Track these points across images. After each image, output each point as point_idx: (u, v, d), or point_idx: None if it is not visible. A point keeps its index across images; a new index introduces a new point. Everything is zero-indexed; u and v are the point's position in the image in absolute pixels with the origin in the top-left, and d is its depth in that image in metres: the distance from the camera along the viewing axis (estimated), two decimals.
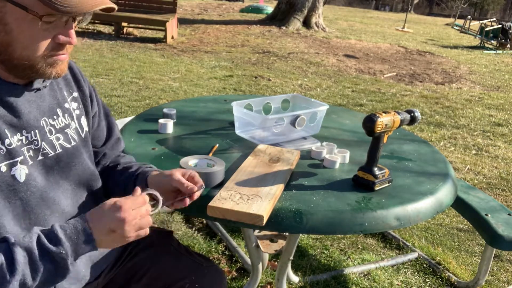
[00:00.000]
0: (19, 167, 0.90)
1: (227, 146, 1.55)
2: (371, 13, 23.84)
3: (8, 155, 0.89)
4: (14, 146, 0.90)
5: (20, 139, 0.92)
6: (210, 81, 5.92)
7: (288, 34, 10.61)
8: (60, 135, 1.01)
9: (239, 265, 2.16)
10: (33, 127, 0.95)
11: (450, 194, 1.40)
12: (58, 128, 1.01)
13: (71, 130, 1.05)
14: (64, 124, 1.03)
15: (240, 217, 1.09)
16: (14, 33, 0.85)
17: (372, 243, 2.48)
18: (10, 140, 0.90)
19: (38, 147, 0.96)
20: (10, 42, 0.86)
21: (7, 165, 0.88)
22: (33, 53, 0.87)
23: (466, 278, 2.24)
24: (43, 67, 0.89)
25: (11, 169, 0.89)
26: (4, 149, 0.88)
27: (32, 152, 0.94)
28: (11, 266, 0.79)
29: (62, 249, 0.82)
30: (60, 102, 1.04)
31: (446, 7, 37.13)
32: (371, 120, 1.24)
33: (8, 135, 0.89)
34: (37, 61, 0.88)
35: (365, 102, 5.62)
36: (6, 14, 0.84)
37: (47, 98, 1.00)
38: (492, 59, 10.60)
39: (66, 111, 1.05)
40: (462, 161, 3.92)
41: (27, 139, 0.93)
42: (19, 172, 0.90)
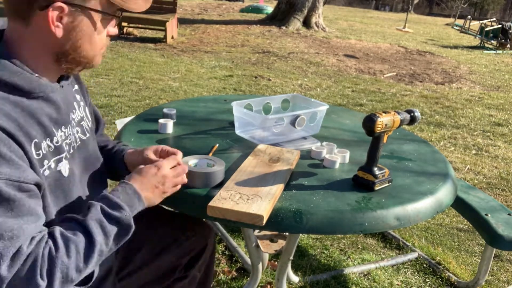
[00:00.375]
0: (64, 162, 0.96)
1: (227, 146, 1.55)
2: (371, 13, 23.84)
3: (56, 151, 0.94)
4: (60, 143, 0.95)
5: (61, 135, 0.97)
6: (210, 81, 5.92)
7: (288, 34, 10.61)
8: (78, 128, 1.07)
9: (239, 265, 2.16)
10: (67, 122, 1.01)
11: (450, 194, 1.40)
12: (77, 121, 1.06)
13: (85, 122, 1.11)
14: (80, 117, 1.09)
15: (240, 217, 1.09)
16: (85, 38, 0.92)
17: (372, 243, 2.48)
18: (57, 137, 0.95)
19: (71, 141, 1.02)
20: (79, 46, 0.92)
21: (55, 161, 0.93)
22: (96, 50, 0.96)
23: (466, 278, 2.24)
24: (98, 59, 0.98)
25: (58, 164, 0.94)
26: (53, 146, 0.93)
27: (68, 146, 1.00)
28: (90, 238, 0.88)
29: (125, 212, 0.93)
30: (74, 96, 1.09)
31: (446, 7, 37.13)
32: (371, 120, 1.24)
33: (55, 132, 0.94)
34: (97, 54, 0.97)
35: (365, 102, 5.62)
36: (81, 22, 0.90)
37: (68, 94, 1.05)
38: (492, 59, 10.60)
39: (79, 104, 1.10)
40: (462, 161, 3.92)
41: (65, 135, 0.99)
42: (64, 167, 0.96)
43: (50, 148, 0.92)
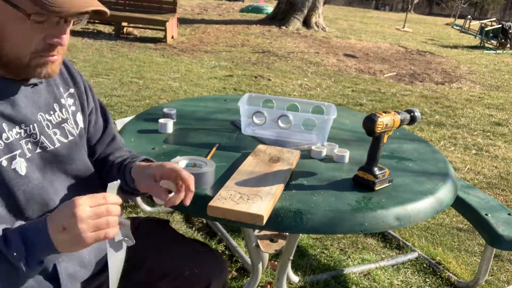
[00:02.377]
0: (18, 160, 0.91)
1: (227, 145, 1.55)
2: (371, 13, 23.84)
3: (6, 149, 0.90)
4: (11, 140, 0.91)
5: (18, 132, 0.93)
6: (210, 81, 5.92)
7: (288, 34, 10.61)
8: (57, 130, 1.02)
9: (239, 265, 2.16)
10: (31, 121, 0.96)
11: (450, 194, 1.40)
12: (55, 123, 1.02)
13: (68, 125, 1.06)
14: (61, 119, 1.04)
15: (240, 217, 1.09)
16: (4, 31, 0.85)
17: (372, 243, 2.48)
18: (7, 134, 0.90)
19: (37, 140, 0.97)
20: (0, 40, 0.86)
21: (7, 159, 0.89)
22: (21, 51, 0.87)
23: (466, 278, 2.24)
24: (32, 67, 0.89)
25: (11, 162, 0.90)
26: (2, 143, 0.89)
27: (31, 145, 0.95)
28: None
29: (15, 252, 0.78)
30: (57, 97, 1.05)
31: (446, 7, 37.12)
32: (371, 120, 1.24)
33: (5, 129, 0.90)
34: (26, 60, 0.88)
35: (365, 102, 5.62)
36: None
37: (43, 94, 1.01)
38: (492, 59, 10.60)
39: (62, 106, 1.06)
40: (462, 161, 3.92)
41: (25, 132, 0.94)
42: (20, 165, 0.91)
43: (0, 146, 0.88)
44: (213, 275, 1.21)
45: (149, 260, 1.19)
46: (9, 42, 0.86)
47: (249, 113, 1.63)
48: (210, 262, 1.23)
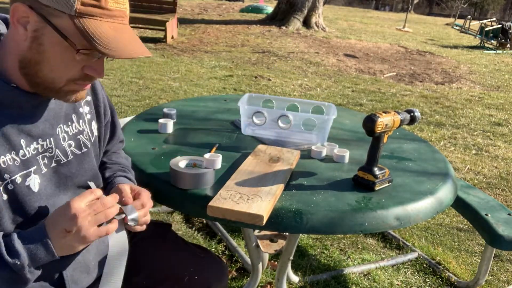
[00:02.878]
0: (32, 177, 0.91)
1: (227, 146, 1.55)
2: (371, 13, 23.84)
3: (22, 166, 0.89)
4: (28, 157, 0.90)
5: (36, 148, 0.92)
6: (210, 81, 5.92)
7: (288, 34, 10.61)
8: (72, 141, 1.02)
9: (239, 265, 2.16)
10: (49, 134, 0.95)
11: (450, 194, 1.40)
12: (71, 134, 1.02)
13: (83, 136, 1.05)
14: (77, 130, 1.04)
15: (240, 217, 1.09)
16: (46, 54, 0.84)
17: (372, 243, 2.48)
18: (24, 151, 0.90)
19: (52, 154, 0.96)
20: (40, 61, 0.85)
21: (22, 176, 0.89)
22: (59, 77, 0.87)
23: (466, 278, 2.24)
24: (64, 92, 0.89)
25: (25, 179, 0.89)
26: (19, 160, 0.88)
27: (47, 160, 0.95)
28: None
29: (18, 260, 0.81)
30: (76, 107, 1.04)
31: (446, 7, 37.12)
32: (371, 120, 1.24)
33: (23, 146, 0.89)
34: (61, 85, 0.88)
35: (365, 102, 5.62)
36: (43, 35, 0.83)
37: (65, 105, 1.00)
38: (492, 59, 10.60)
39: (80, 116, 1.05)
40: (462, 161, 3.92)
41: (42, 147, 0.94)
42: (33, 182, 0.91)
43: (16, 162, 0.87)
44: (213, 280, 1.21)
45: (149, 264, 1.19)
46: (48, 65, 0.85)
47: (249, 113, 1.63)
48: (210, 268, 1.23)
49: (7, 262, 0.81)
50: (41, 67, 0.85)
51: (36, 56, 0.84)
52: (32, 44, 0.83)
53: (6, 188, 0.86)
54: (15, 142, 0.87)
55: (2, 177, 0.85)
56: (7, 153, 0.86)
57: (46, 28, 0.82)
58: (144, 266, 1.18)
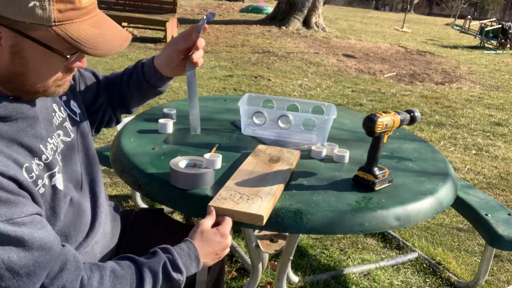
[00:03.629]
0: (57, 176, 0.93)
1: (227, 146, 1.55)
2: (371, 13, 23.84)
3: (46, 168, 0.90)
4: (50, 159, 0.92)
5: (50, 148, 0.93)
6: (210, 81, 5.92)
7: (288, 34, 10.61)
8: (60, 130, 1.02)
9: (239, 265, 2.16)
10: (51, 131, 0.97)
11: (450, 194, 1.40)
12: (57, 124, 1.02)
13: (68, 123, 1.06)
14: (61, 118, 1.04)
15: (240, 217, 1.09)
16: (31, 65, 0.83)
17: (372, 243, 2.48)
18: (46, 154, 0.91)
19: (57, 147, 0.98)
20: (24, 72, 0.84)
21: (48, 177, 0.90)
22: (47, 81, 0.87)
23: (466, 278, 2.24)
24: (52, 89, 0.90)
25: (51, 180, 0.91)
26: (43, 164, 0.89)
27: (58, 156, 0.96)
28: (140, 285, 0.89)
29: (181, 277, 0.94)
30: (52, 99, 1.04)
31: (446, 7, 37.13)
32: (371, 120, 1.23)
33: (43, 150, 0.90)
34: (50, 86, 0.88)
35: (365, 102, 5.62)
36: (24, 49, 0.81)
37: (45, 100, 1.00)
38: (492, 59, 10.60)
39: (58, 103, 1.05)
40: (462, 161, 3.92)
41: (54, 145, 0.95)
42: (59, 181, 0.93)
43: (40, 167, 0.89)
44: None
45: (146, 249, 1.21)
46: (35, 74, 0.84)
47: (249, 113, 1.63)
48: None
49: (172, 278, 0.93)
50: (27, 77, 0.84)
51: (21, 69, 0.83)
52: (13, 59, 0.82)
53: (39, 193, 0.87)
54: (35, 149, 0.88)
55: (37, 184, 0.86)
56: (32, 161, 0.87)
57: (24, 42, 0.80)
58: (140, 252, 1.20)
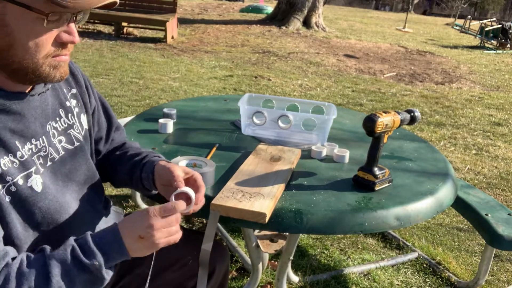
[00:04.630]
0: (34, 177, 0.90)
1: (227, 146, 1.55)
2: (371, 13, 23.84)
3: (22, 167, 0.88)
4: (26, 157, 0.89)
5: (30, 148, 0.90)
6: (210, 81, 5.92)
7: (288, 34, 10.61)
8: (63, 137, 1.00)
9: (239, 265, 2.16)
10: (41, 133, 0.94)
11: (450, 194, 1.40)
12: (61, 130, 1.00)
13: (74, 130, 1.04)
14: (67, 125, 1.02)
15: (242, 215, 1.09)
16: (15, 34, 0.80)
17: (372, 243, 2.48)
18: (21, 152, 0.88)
19: (46, 153, 0.95)
20: (11, 44, 0.80)
21: (23, 177, 0.88)
22: (36, 54, 0.82)
23: (466, 278, 2.24)
24: (46, 70, 0.85)
25: (27, 180, 0.88)
26: (17, 162, 0.87)
27: (42, 160, 0.93)
28: (46, 279, 0.81)
29: (95, 261, 0.84)
30: (62, 101, 1.02)
31: (446, 7, 37.13)
32: (372, 120, 1.24)
33: (19, 147, 0.88)
34: (40, 63, 0.84)
35: (365, 102, 5.62)
36: (6, 16, 0.78)
37: (50, 101, 0.98)
38: (492, 59, 10.60)
39: (68, 110, 1.03)
40: (462, 161, 3.92)
41: (36, 147, 0.92)
42: (36, 182, 0.90)
43: (14, 164, 0.86)
44: (217, 261, 1.25)
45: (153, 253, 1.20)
46: (22, 46, 0.81)
47: (249, 113, 1.63)
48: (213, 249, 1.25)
49: (85, 264, 0.83)
50: (15, 51, 0.81)
51: (6, 41, 0.80)
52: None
53: (9, 190, 0.85)
54: (10, 145, 0.86)
55: (4, 179, 0.84)
56: (4, 156, 0.85)
57: (6, 8, 0.78)
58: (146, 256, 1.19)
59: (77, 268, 0.83)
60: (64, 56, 0.88)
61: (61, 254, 0.83)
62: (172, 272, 1.20)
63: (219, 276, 1.29)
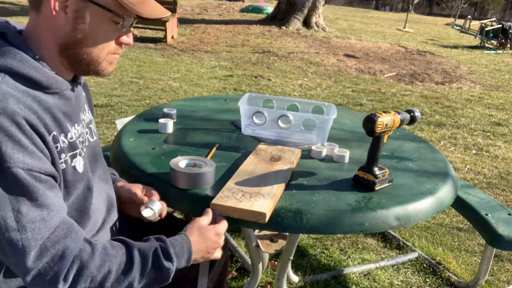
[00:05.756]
0: (78, 158, 0.96)
1: (227, 145, 1.55)
2: (371, 13, 23.84)
3: (70, 147, 0.94)
4: (74, 139, 0.96)
5: (75, 132, 0.98)
6: (210, 81, 5.92)
7: (288, 34, 10.61)
8: (87, 129, 1.08)
9: (239, 265, 2.16)
10: (80, 121, 1.02)
11: (450, 194, 1.40)
12: (86, 122, 1.08)
13: (93, 125, 1.12)
14: (88, 119, 1.10)
15: (243, 215, 1.09)
16: (90, 31, 0.90)
17: (372, 243, 2.48)
18: (71, 134, 0.96)
19: (83, 139, 1.03)
20: (84, 39, 0.91)
21: (70, 157, 0.94)
22: (101, 51, 0.93)
23: (466, 278, 2.24)
24: (104, 65, 0.96)
25: (72, 160, 0.94)
26: (67, 142, 0.94)
27: (82, 144, 1.00)
28: (129, 265, 0.89)
29: (171, 265, 0.94)
30: (84, 99, 1.11)
31: (446, 7, 37.11)
32: (371, 120, 1.24)
33: (69, 129, 0.95)
34: (102, 58, 0.95)
35: (365, 102, 5.62)
36: (86, 13, 0.89)
37: (81, 94, 1.07)
38: (492, 59, 10.60)
39: (89, 106, 1.13)
40: (462, 161, 3.92)
41: (78, 132, 1.00)
42: (79, 163, 0.97)
43: (65, 144, 0.92)
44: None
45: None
46: (92, 41, 0.91)
47: (249, 113, 1.63)
48: None
49: (162, 265, 0.92)
50: (85, 44, 0.91)
51: (81, 36, 0.90)
52: (75, 25, 0.89)
53: (60, 167, 0.90)
54: (64, 125, 0.93)
55: (60, 156, 0.90)
56: (61, 134, 0.92)
57: (87, 7, 0.88)
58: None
59: (154, 266, 0.92)
60: (118, 54, 0.99)
61: (145, 250, 0.92)
62: None
63: (219, 267, 1.33)
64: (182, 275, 1.25)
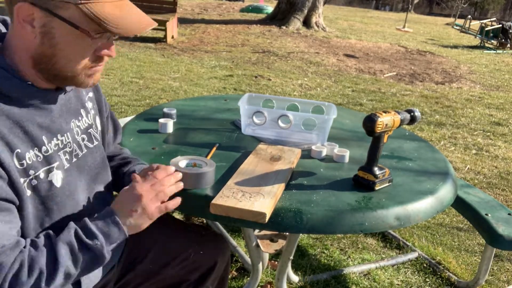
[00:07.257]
0: (55, 172, 0.93)
1: (227, 145, 1.55)
2: (371, 13, 23.83)
3: (45, 161, 0.91)
4: (51, 152, 0.92)
5: (56, 144, 0.94)
6: (210, 80, 5.92)
7: (288, 33, 10.61)
8: (85, 135, 1.04)
9: (239, 265, 2.16)
10: (65, 130, 0.98)
11: (450, 194, 1.40)
12: (83, 128, 1.04)
13: (93, 130, 1.09)
14: (87, 124, 1.06)
15: (243, 215, 1.09)
16: (60, 46, 0.86)
17: (372, 243, 2.48)
18: (47, 147, 0.92)
19: (71, 149, 0.99)
20: (54, 54, 0.86)
21: (45, 171, 0.90)
22: (76, 65, 0.89)
23: (466, 277, 2.24)
24: (82, 78, 0.91)
25: (48, 174, 0.91)
26: (41, 156, 0.90)
27: (68, 155, 0.97)
28: (55, 260, 0.85)
29: (97, 241, 0.89)
30: (83, 102, 1.07)
31: (446, 7, 37.12)
32: (372, 120, 1.24)
33: (45, 142, 0.91)
34: (78, 72, 0.90)
35: (365, 101, 5.62)
36: (53, 29, 0.84)
37: (73, 100, 1.03)
38: (492, 58, 10.59)
39: (87, 111, 1.08)
40: (462, 161, 3.92)
41: (62, 143, 0.96)
42: (56, 177, 0.93)
43: (39, 158, 0.89)
44: (218, 254, 1.29)
45: (154, 249, 1.23)
46: (63, 56, 0.87)
47: (249, 113, 1.63)
48: (214, 243, 1.31)
49: (87, 244, 0.88)
50: (57, 59, 0.87)
51: (50, 50, 0.86)
52: (43, 40, 0.85)
53: (30, 184, 0.88)
54: (37, 139, 0.89)
55: (27, 173, 0.87)
56: (30, 149, 0.88)
57: (54, 21, 0.83)
58: (148, 252, 1.22)
59: (81, 248, 0.88)
60: (99, 66, 0.94)
61: (66, 236, 0.88)
62: (173, 267, 1.23)
63: (220, 270, 1.32)
64: (184, 278, 1.25)
